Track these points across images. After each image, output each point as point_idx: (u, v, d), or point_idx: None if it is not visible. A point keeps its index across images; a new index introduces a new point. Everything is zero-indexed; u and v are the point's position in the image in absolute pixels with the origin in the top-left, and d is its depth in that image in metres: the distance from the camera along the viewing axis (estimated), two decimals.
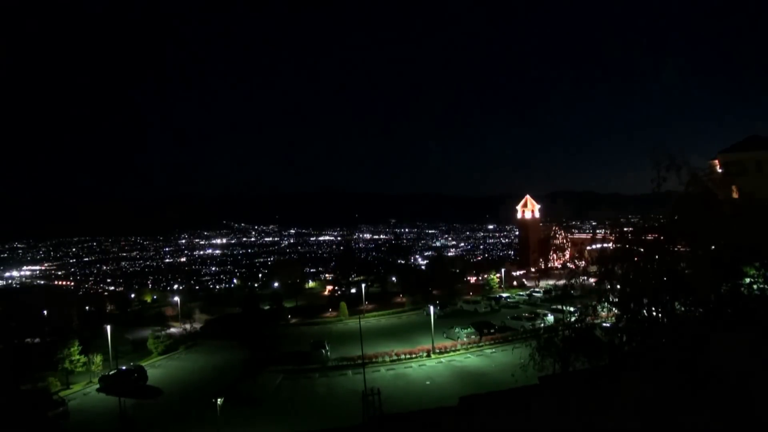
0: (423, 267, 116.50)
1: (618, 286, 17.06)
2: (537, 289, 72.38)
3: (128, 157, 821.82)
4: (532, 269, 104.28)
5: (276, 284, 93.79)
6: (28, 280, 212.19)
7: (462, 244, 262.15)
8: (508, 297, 71.41)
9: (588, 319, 18.84)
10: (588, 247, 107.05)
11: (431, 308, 49.03)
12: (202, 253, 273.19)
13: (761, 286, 15.38)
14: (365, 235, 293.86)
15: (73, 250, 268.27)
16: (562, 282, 63.37)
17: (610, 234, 19.33)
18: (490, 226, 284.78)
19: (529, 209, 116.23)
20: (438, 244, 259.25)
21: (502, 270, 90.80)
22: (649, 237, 17.61)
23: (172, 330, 59.56)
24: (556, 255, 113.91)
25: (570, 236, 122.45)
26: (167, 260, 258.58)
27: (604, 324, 20.44)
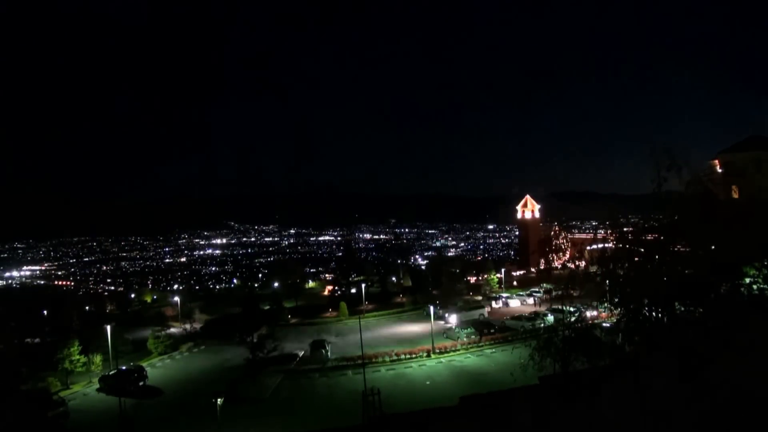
0: (423, 267, 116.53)
1: (618, 287, 17.07)
2: (537, 290, 72.26)
3: (128, 157, 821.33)
4: (532, 269, 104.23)
5: (276, 284, 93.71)
6: (28, 280, 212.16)
7: (462, 244, 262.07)
8: (508, 297, 71.33)
9: (588, 316, 18.87)
10: (588, 247, 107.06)
11: (431, 308, 49.04)
12: (202, 253, 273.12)
13: (761, 286, 15.38)
14: (365, 235, 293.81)
15: (73, 250, 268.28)
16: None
17: (610, 234, 19.33)
18: (490, 226, 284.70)
19: (529, 209, 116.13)
20: (438, 244, 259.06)
21: (502, 270, 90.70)
22: (649, 237, 17.61)
23: (172, 330, 59.51)
24: (556, 255, 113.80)
25: (570, 236, 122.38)
26: (167, 260, 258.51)
27: (604, 324, 20.46)
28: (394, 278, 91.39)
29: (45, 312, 68.55)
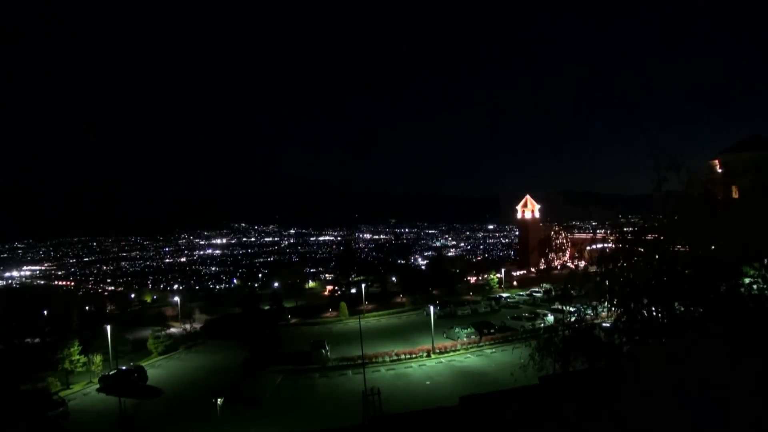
0: (423, 267, 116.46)
1: (618, 286, 17.08)
2: (537, 289, 72.26)
3: (128, 157, 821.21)
4: (532, 269, 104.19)
5: (276, 284, 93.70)
6: (28, 280, 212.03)
7: (462, 244, 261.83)
8: (508, 297, 71.35)
9: (588, 316, 18.86)
10: (588, 247, 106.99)
11: (431, 308, 49.02)
12: (202, 253, 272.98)
13: (761, 286, 15.38)
14: (365, 235, 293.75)
15: (73, 250, 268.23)
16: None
17: (610, 234, 19.35)
18: (490, 226, 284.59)
19: (529, 209, 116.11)
20: (438, 244, 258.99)
21: (502, 270, 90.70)
22: (649, 237, 17.62)
23: (172, 330, 59.54)
24: (556, 255, 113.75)
25: (570, 236, 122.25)
26: (167, 260, 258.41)
27: (604, 324, 20.45)
28: (394, 278, 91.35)
29: (45, 312, 68.48)
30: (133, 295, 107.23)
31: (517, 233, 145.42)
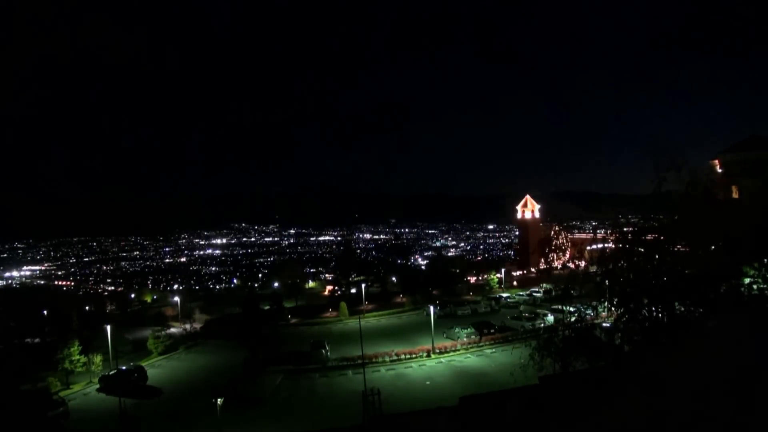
0: (423, 267, 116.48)
1: (618, 286, 17.08)
2: (537, 289, 72.30)
3: (128, 157, 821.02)
4: (532, 269, 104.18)
5: (276, 284, 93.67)
6: (28, 280, 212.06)
7: (462, 244, 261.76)
8: (508, 297, 71.35)
9: (588, 316, 18.85)
10: (588, 247, 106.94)
11: (431, 308, 49.01)
12: (202, 253, 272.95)
13: (761, 286, 15.39)
14: (365, 235, 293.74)
15: (73, 250, 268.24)
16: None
17: (611, 234, 19.35)
18: (490, 226, 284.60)
19: (529, 209, 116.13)
20: (438, 244, 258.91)
21: (502, 270, 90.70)
22: (649, 237, 17.63)
23: (172, 330, 59.53)
24: (556, 255, 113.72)
25: (570, 236, 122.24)
26: (167, 260, 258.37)
27: (604, 324, 20.45)
28: (394, 278, 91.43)
29: (45, 312, 68.49)
30: (133, 295, 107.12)
31: (517, 233, 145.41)
